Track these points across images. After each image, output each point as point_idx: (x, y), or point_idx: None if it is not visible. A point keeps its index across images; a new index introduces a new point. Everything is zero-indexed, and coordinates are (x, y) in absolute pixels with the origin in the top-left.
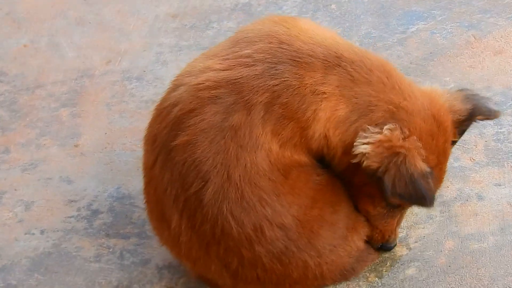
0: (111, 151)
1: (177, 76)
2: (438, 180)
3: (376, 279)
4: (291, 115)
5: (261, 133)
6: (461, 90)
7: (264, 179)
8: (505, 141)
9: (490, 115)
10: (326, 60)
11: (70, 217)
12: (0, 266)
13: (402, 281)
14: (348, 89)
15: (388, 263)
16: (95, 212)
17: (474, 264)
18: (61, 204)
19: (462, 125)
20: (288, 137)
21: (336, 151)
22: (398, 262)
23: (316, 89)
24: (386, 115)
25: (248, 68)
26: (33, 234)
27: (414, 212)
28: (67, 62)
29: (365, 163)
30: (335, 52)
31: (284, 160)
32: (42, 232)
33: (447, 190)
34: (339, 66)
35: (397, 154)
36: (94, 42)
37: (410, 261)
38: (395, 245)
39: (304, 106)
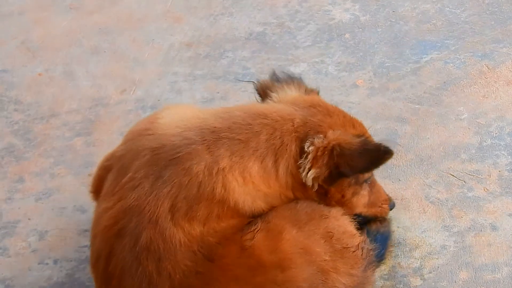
0: None
1: (91, 230)
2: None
3: None
4: (198, 200)
5: (175, 231)
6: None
7: (191, 276)
8: None
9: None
10: (205, 139)
11: (84, 246)
12: None
13: None
14: (244, 150)
15: None
16: None
17: None
18: (75, 234)
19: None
20: (206, 214)
21: (287, 192)
22: None
23: (213, 170)
24: (297, 143)
25: (136, 190)
26: (47, 264)
27: (428, 243)
28: (82, 91)
29: (317, 179)
30: (207, 128)
31: (208, 239)
32: (55, 261)
33: (460, 221)
34: (220, 139)
35: (331, 149)
36: (109, 71)
37: None
38: (394, 203)
39: (208, 189)
